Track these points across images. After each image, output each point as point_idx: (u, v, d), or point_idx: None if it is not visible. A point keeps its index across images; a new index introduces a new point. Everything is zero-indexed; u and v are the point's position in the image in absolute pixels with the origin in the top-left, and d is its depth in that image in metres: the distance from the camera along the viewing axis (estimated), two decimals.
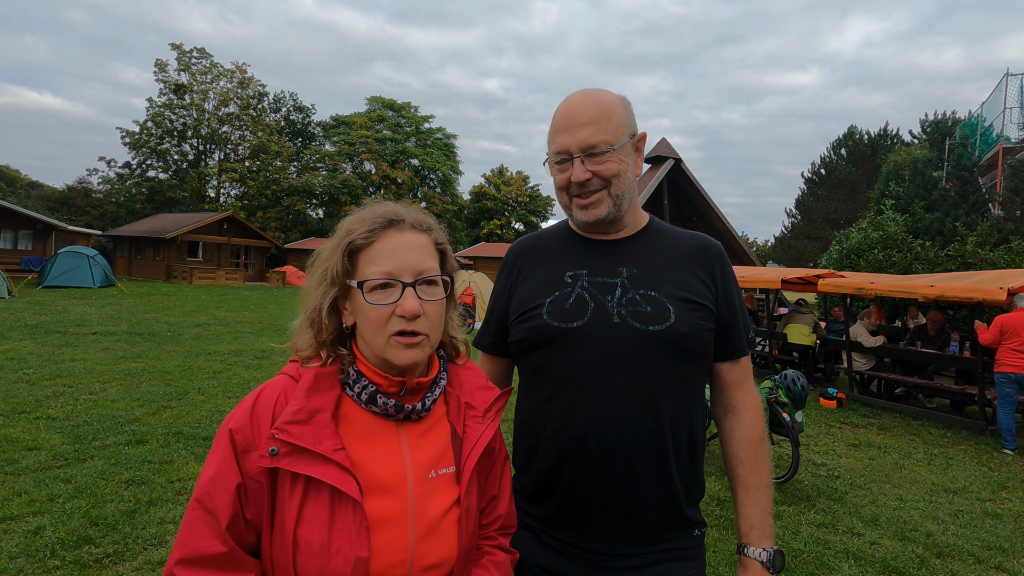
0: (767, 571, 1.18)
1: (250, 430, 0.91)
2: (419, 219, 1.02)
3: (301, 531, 0.86)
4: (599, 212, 1.21)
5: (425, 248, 0.99)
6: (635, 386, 1.15)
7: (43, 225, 25.86)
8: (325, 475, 0.86)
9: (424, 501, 0.94)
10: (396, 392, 0.98)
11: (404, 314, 0.92)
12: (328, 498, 0.87)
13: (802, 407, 4.77)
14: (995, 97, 16.91)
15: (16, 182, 63.52)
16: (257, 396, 0.95)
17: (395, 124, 46.40)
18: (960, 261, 11.83)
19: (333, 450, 0.89)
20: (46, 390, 6.30)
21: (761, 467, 1.24)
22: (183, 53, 37.57)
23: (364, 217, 1.00)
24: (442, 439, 1.01)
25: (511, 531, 1.15)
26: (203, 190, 39.09)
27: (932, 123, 25.02)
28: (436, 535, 0.93)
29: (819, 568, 3.45)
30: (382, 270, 0.94)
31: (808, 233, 37.94)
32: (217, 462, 0.89)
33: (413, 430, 0.99)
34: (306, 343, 1.00)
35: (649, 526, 1.18)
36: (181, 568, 0.85)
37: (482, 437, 1.01)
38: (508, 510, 1.13)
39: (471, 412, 1.04)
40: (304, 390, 0.93)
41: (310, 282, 1.02)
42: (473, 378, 1.10)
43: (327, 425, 0.91)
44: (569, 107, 1.21)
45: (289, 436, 0.87)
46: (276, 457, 0.86)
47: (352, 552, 0.85)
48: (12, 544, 3.12)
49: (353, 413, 0.97)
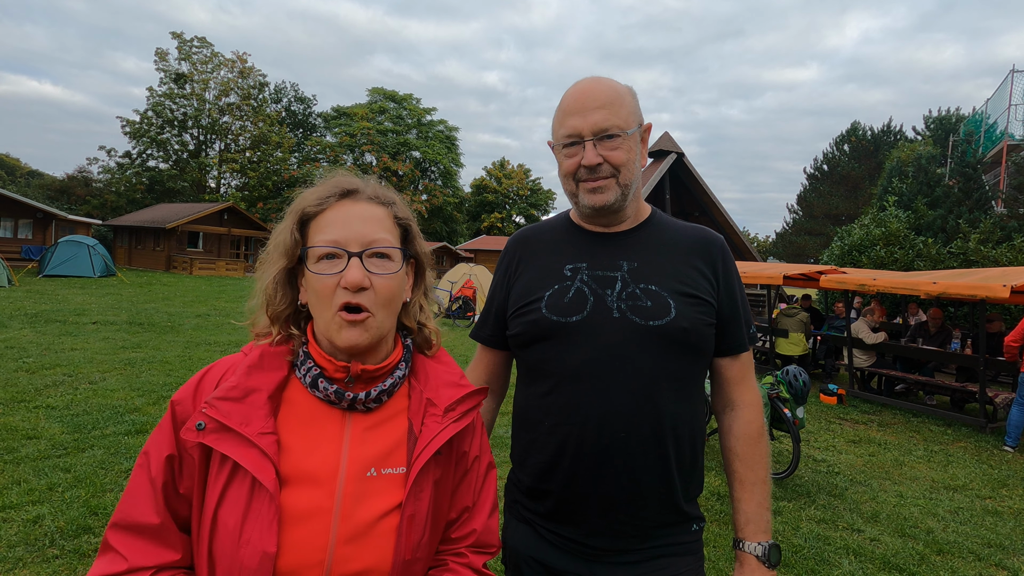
0: (763, 565, 1.17)
1: (191, 403, 0.88)
2: (378, 191, 0.97)
3: (221, 513, 0.83)
4: (607, 197, 1.18)
5: (380, 220, 0.94)
6: (634, 381, 1.14)
7: (43, 214, 25.83)
8: (244, 458, 0.81)
9: (355, 500, 0.86)
10: (342, 378, 0.91)
11: (347, 285, 0.86)
12: (250, 482, 0.82)
13: (803, 403, 4.76)
14: (1000, 94, 16.81)
15: (16, 171, 63.43)
16: (207, 371, 0.93)
17: (397, 116, 46.29)
18: (962, 258, 11.79)
19: (259, 433, 0.83)
20: (46, 379, 6.30)
21: (759, 462, 1.23)
22: (184, 42, 37.40)
23: (320, 186, 0.96)
24: (394, 435, 0.93)
25: (490, 551, 1.02)
26: (203, 180, 39.02)
27: (936, 119, 24.93)
28: (365, 540, 0.84)
29: (819, 564, 3.45)
30: (328, 238, 0.89)
31: (810, 229, 37.88)
32: (157, 431, 0.88)
33: (361, 422, 0.92)
34: (262, 320, 0.96)
35: (647, 521, 1.17)
36: (113, 532, 0.84)
37: (437, 438, 0.92)
38: (485, 526, 1.01)
39: (431, 409, 0.95)
40: (245, 367, 0.89)
41: (265, 256, 0.97)
42: (443, 373, 1.02)
43: (261, 406, 0.86)
44: (581, 90, 1.19)
45: (217, 412, 0.83)
46: (202, 432, 0.82)
47: (260, 545, 0.79)
48: (11, 533, 3.12)
49: (298, 396, 0.92)
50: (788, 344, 9.51)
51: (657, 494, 1.17)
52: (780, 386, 4.80)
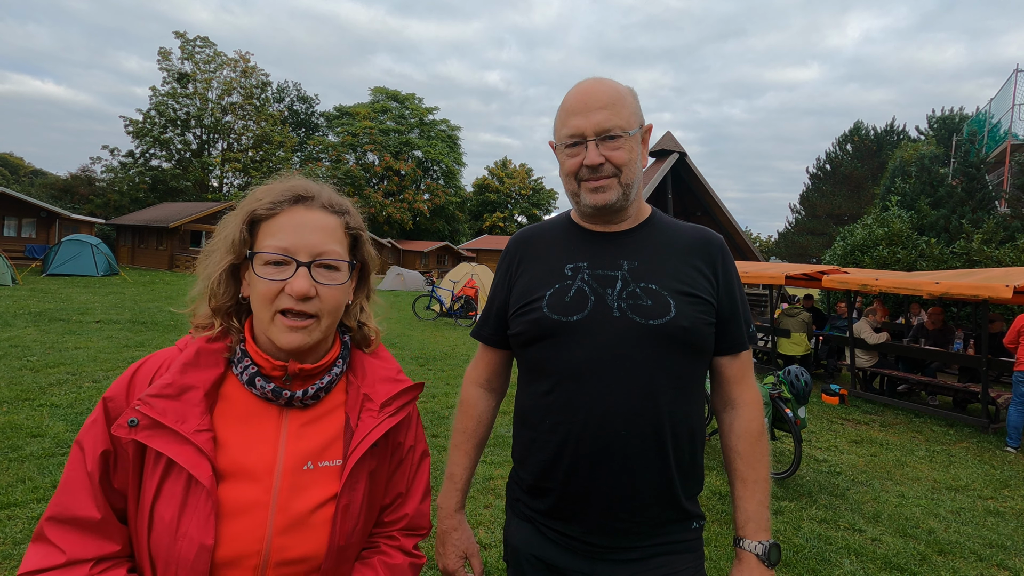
0: (762, 564, 1.17)
1: (123, 399, 0.89)
2: (333, 199, 0.97)
3: (158, 508, 0.84)
4: (608, 197, 1.19)
5: (331, 230, 0.94)
6: (634, 380, 1.14)
7: (46, 213, 25.90)
8: (179, 455, 0.82)
9: (291, 493, 0.89)
10: (279, 376, 0.93)
11: (292, 293, 0.88)
12: (185, 478, 0.83)
13: (805, 403, 4.76)
14: (1003, 93, 16.76)
15: (19, 170, 63.63)
16: (139, 366, 0.93)
17: (399, 115, 46.31)
18: (965, 258, 11.76)
19: (195, 431, 0.84)
20: (49, 378, 6.33)
21: (759, 461, 1.24)
22: (187, 42, 37.46)
23: (274, 188, 0.95)
24: (331, 430, 0.95)
25: (421, 532, 1.08)
26: (206, 180, 39.07)
27: (939, 119, 24.87)
28: (301, 530, 0.88)
29: (820, 564, 3.45)
30: (278, 244, 0.90)
31: (812, 229, 37.82)
32: (89, 425, 0.88)
33: (297, 417, 0.94)
34: (203, 312, 0.96)
35: (647, 519, 1.18)
36: (50, 525, 0.83)
37: (373, 432, 0.94)
38: (417, 510, 1.06)
39: (368, 404, 0.98)
40: (180, 364, 0.89)
41: (211, 246, 0.98)
42: (380, 369, 1.04)
43: (196, 404, 0.87)
44: (583, 91, 1.20)
45: (151, 410, 0.84)
46: (135, 429, 0.83)
47: (198, 538, 0.81)
48: (16, 530, 3.14)
49: (235, 393, 0.93)
50: (790, 344, 9.50)
51: (657, 492, 1.17)
52: (782, 386, 4.80)
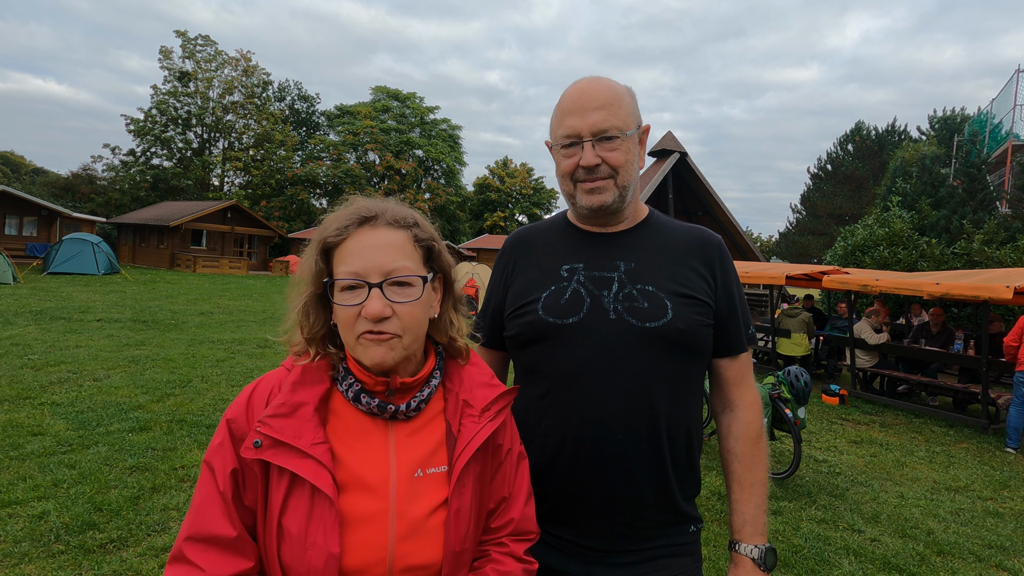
0: (758, 568, 1.16)
1: (244, 420, 0.92)
2: (397, 214, 0.97)
3: (285, 520, 0.88)
4: (604, 198, 1.18)
5: (399, 246, 0.94)
6: (631, 383, 1.13)
7: (48, 212, 25.93)
8: (302, 469, 0.86)
9: (407, 501, 0.92)
10: (382, 391, 0.96)
11: (368, 316, 0.90)
12: (309, 490, 0.87)
13: (805, 403, 4.76)
14: (1005, 94, 16.74)
15: (21, 168, 63.68)
16: (254, 388, 0.96)
17: (400, 115, 46.27)
18: (966, 259, 11.75)
19: (312, 444, 0.88)
20: (50, 376, 6.34)
21: (757, 464, 1.22)
22: (188, 40, 37.46)
23: (340, 214, 0.97)
24: (434, 437, 0.98)
25: (530, 537, 1.08)
26: (207, 178, 39.10)
27: (940, 119, 24.84)
28: (419, 536, 0.91)
29: (819, 564, 3.46)
30: (349, 269, 0.92)
31: (813, 229, 37.78)
32: (217, 447, 0.92)
33: (402, 428, 0.97)
34: (298, 338, 0.99)
35: (644, 522, 1.17)
36: (189, 545, 0.86)
37: (476, 436, 0.97)
38: (523, 514, 1.06)
39: (468, 410, 1.00)
40: (290, 384, 0.93)
41: (295, 278, 1.00)
42: (476, 375, 1.06)
43: (309, 419, 0.91)
44: (580, 90, 1.18)
45: (270, 430, 0.88)
46: (260, 449, 0.87)
47: (325, 547, 0.85)
48: (17, 528, 3.15)
49: (343, 409, 0.96)
50: (790, 344, 9.49)
51: (654, 495, 1.17)
52: (781, 386, 4.80)
